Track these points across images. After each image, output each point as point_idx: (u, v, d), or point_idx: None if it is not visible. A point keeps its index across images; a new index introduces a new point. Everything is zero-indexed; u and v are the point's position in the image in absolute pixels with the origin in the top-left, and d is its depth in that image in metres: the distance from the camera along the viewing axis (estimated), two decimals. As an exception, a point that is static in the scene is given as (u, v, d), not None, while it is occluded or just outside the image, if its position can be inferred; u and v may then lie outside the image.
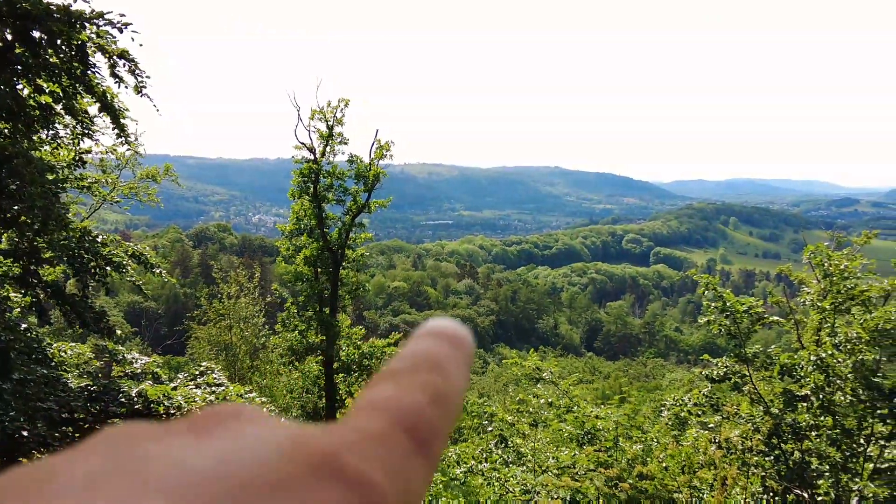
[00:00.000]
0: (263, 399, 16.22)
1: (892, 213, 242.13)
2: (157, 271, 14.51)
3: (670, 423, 10.78)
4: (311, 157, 19.33)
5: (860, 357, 7.64)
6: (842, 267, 8.47)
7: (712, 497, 9.22)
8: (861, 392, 7.72)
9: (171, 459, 0.33)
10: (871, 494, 6.90)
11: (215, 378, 14.28)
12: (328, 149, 19.37)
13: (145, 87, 12.35)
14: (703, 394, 9.78)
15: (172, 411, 12.27)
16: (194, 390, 13.32)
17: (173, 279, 16.17)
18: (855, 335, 7.78)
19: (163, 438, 0.36)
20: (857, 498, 7.16)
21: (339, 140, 19.39)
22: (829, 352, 7.85)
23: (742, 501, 8.59)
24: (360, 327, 21.01)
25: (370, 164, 19.62)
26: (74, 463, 0.34)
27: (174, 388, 13.29)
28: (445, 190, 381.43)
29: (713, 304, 8.72)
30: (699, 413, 9.91)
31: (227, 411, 0.39)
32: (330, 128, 19.25)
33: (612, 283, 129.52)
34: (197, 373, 14.52)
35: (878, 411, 7.77)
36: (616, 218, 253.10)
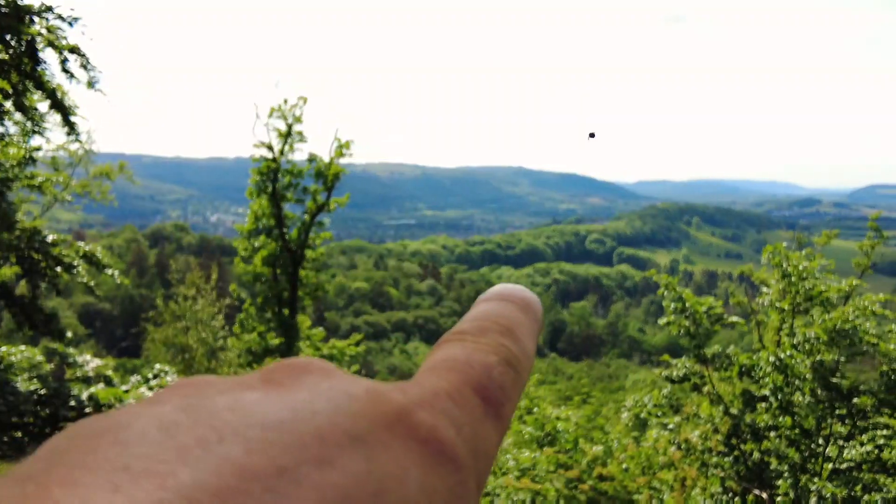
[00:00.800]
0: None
1: (854, 213, 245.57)
2: (110, 272, 14.22)
3: (631, 424, 10.74)
4: (270, 156, 19.08)
5: (819, 358, 7.61)
6: (800, 267, 8.45)
7: (672, 498, 9.17)
8: (820, 392, 7.70)
9: (244, 410, 0.33)
10: (829, 494, 6.86)
11: (169, 381, 14.00)
12: (287, 147, 19.14)
13: (98, 82, 12.10)
14: (663, 395, 9.73)
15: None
16: (147, 393, 13.04)
17: (126, 280, 15.86)
18: (814, 335, 7.76)
19: (233, 390, 0.35)
20: (815, 498, 7.12)
21: (298, 138, 19.17)
22: (788, 352, 7.81)
23: (702, 502, 8.54)
24: (321, 329, 20.80)
25: (330, 162, 19.40)
26: (146, 412, 0.33)
27: (126, 392, 13.02)
28: (408, 189, 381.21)
29: (673, 305, 8.66)
30: (659, 414, 9.86)
31: (297, 364, 0.39)
32: (289, 126, 19.03)
33: (575, 283, 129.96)
34: (150, 376, 14.26)
35: (837, 412, 7.76)
36: (579, 218, 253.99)
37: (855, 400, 7.55)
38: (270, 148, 19.09)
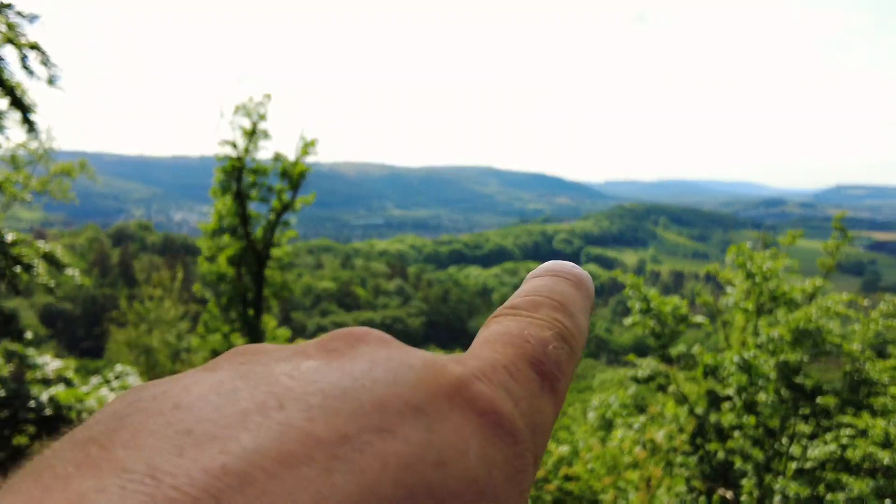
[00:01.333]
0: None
1: (819, 213, 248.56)
2: (70, 272, 13.97)
3: (597, 424, 10.72)
4: (235, 154, 18.86)
5: (783, 358, 7.63)
6: (764, 268, 8.46)
7: (637, 498, 9.16)
8: (784, 392, 7.72)
9: (303, 377, 0.33)
10: (793, 494, 6.88)
11: (130, 382, 13.80)
12: (252, 145, 18.93)
13: (59, 79, 11.90)
14: (629, 394, 9.73)
15: (85, 416, 11.81)
16: (108, 394, 12.85)
17: (87, 280, 15.60)
18: (777, 335, 7.77)
19: (291, 358, 0.36)
20: (779, 497, 7.13)
21: (263, 136, 18.97)
22: (752, 352, 7.82)
23: (667, 502, 8.53)
24: (286, 329, 20.62)
25: (296, 161, 19.22)
26: (203, 378, 0.34)
27: (87, 393, 12.80)
28: (376, 189, 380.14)
29: (638, 305, 8.65)
30: (625, 414, 9.85)
31: (354, 333, 0.39)
32: (254, 124, 18.82)
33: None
34: (112, 377, 14.04)
35: (801, 411, 7.78)
36: (547, 217, 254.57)
37: (818, 399, 7.58)
38: (235, 146, 18.87)
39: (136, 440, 0.29)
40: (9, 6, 11.22)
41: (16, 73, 11.79)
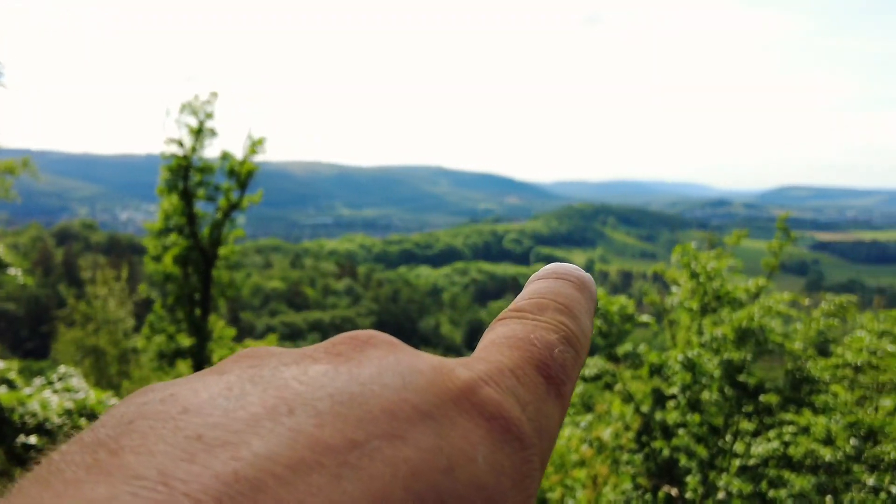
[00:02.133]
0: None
1: (764, 214, 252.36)
2: (13, 272, 13.68)
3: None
4: (181, 153, 18.60)
5: (726, 356, 7.71)
6: (709, 267, 8.54)
7: (584, 495, 9.21)
8: (727, 390, 7.80)
9: (312, 382, 0.33)
10: (736, 490, 6.95)
11: (74, 384, 13.53)
12: (198, 144, 18.69)
13: (1, 76, 11.65)
14: (576, 393, 9.76)
15: (28, 419, 11.58)
16: (51, 396, 12.58)
17: (30, 279, 15.29)
18: (721, 334, 7.86)
19: (299, 362, 0.36)
20: (723, 493, 7.20)
21: (209, 134, 18.73)
22: (696, 351, 7.90)
23: (613, 499, 8.58)
24: (231, 327, 20.39)
25: (243, 160, 19.02)
26: (210, 381, 0.34)
27: (30, 395, 12.53)
28: (325, 188, 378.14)
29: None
30: (572, 412, 9.89)
31: (361, 337, 0.39)
32: (200, 122, 18.59)
33: (493, 282, 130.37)
34: (55, 378, 13.75)
35: (744, 409, 7.87)
36: (497, 217, 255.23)
37: (761, 397, 7.68)
38: (181, 144, 18.62)
39: (146, 445, 0.29)
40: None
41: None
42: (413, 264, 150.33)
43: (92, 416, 10.57)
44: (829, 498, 6.52)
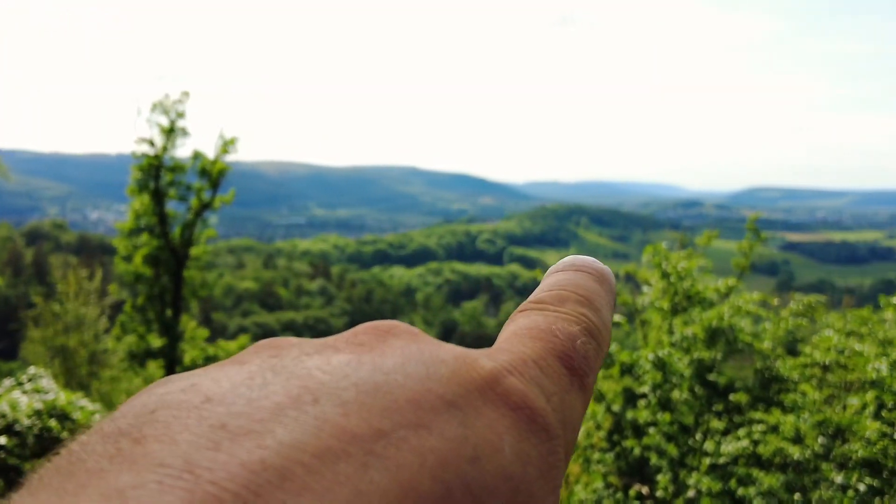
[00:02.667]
0: (101, 406, 15.38)
1: (735, 215, 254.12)
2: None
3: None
4: (152, 152, 18.46)
5: (696, 355, 7.76)
6: (679, 267, 8.59)
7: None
8: (697, 389, 7.85)
9: (335, 371, 0.33)
10: (705, 488, 7.00)
11: (44, 384, 13.40)
12: (170, 143, 18.56)
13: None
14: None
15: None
16: (21, 397, 12.44)
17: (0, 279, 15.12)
18: (691, 334, 7.91)
19: (321, 352, 0.35)
20: (693, 491, 7.25)
21: (181, 134, 18.62)
22: (667, 350, 7.94)
23: (584, 498, 8.61)
24: (203, 328, 20.27)
25: (215, 159, 18.91)
26: (231, 371, 0.34)
27: (-2, 396, 12.39)
28: (299, 188, 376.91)
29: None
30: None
31: (383, 326, 0.39)
32: (171, 121, 18.47)
33: (466, 282, 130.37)
34: (24, 379, 13.60)
35: (714, 408, 7.93)
36: (471, 218, 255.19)
37: (731, 396, 7.74)
38: (152, 144, 18.48)
39: (170, 434, 0.29)
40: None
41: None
42: (387, 264, 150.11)
43: (62, 416, 10.48)
44: (797, 496, 6.58)
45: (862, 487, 6.17)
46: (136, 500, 0.25)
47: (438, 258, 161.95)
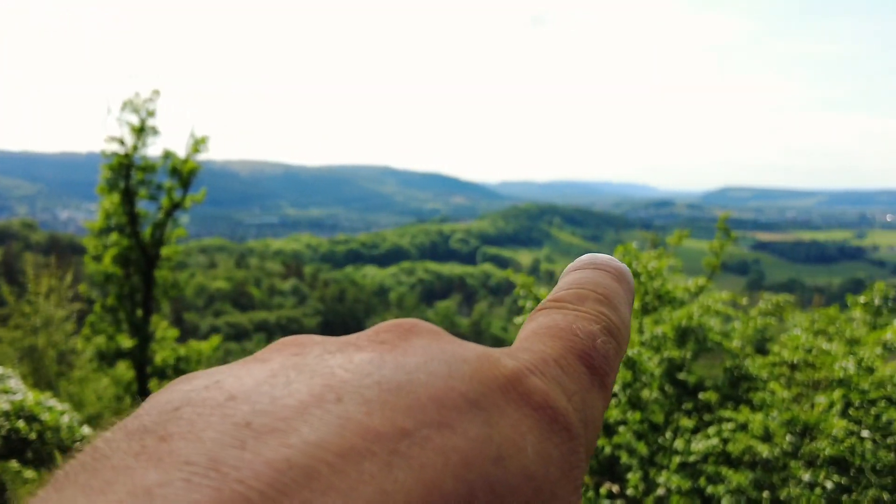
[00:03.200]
0: (69, 406, 15.21)
1: (706, 214, 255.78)
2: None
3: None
4: (123, 151, 18.31)
5: (666, 354, 7.81)
6: (650, 267, 8.62)
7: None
8: (667, 388, 7.90)
9: (358, 370, 0.33)
10: (675, 486, 7.04)
11: (12, 385, 13.25)
12: (140, 142, 18.42)
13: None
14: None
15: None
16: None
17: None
18: (661, 333, 7.95)
19: (343, 350, 0.35)
20: (663, 490, 7.28)
21: (151, 133, 18.48)
22: (637, 349, 7.98)
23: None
24: (175, 328, 20.14)
25: (186, 158, 18.78)
26: (253, 369, 0.34)
27: (-37, 398, 12.23)
28: (271, 187, 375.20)
29: (529, 304, 8.71)
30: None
31: (405, 325, 0.39)
32: (142, 120, 18.32)
33: (440, 282, 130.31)
34: (-8, 380, 13.43)
35: (684, 406, 7.97)
36: (444, 217, 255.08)
37: (700, 395, 7.78)
38: (122, 142, 18.33)
39: (195, 432, 0.29)
40: None
41: None
42: (360, 264, 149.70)
43: (30, 418, 10.35)
44: (765, 493, 6.63)
45: (829, 485, 6.23)
46: (163, 499, 0.25)
47: (412, 258, 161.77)
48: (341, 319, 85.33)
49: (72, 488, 0.27)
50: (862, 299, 7.83)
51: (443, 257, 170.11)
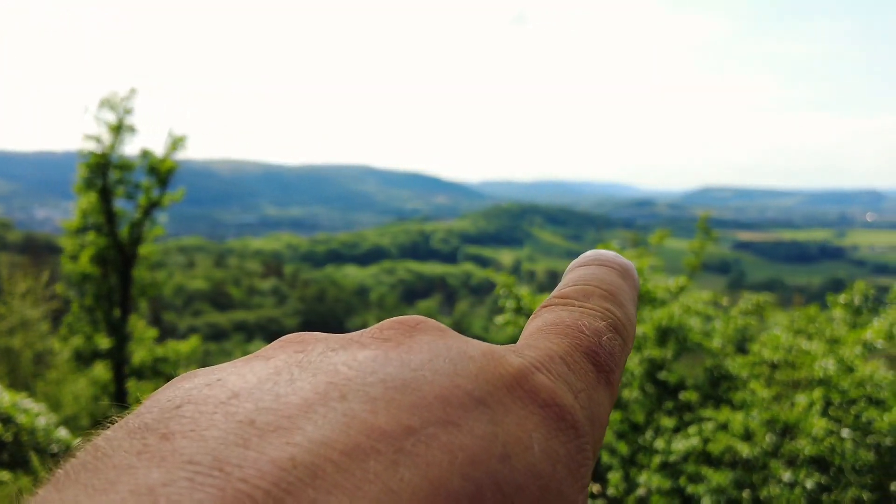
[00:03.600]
0: (46, 408, 15.06)
1: (687, 214, 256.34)
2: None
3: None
4: (100, 150, 18.16)
5: (647, 354, 7.79)
6: (630, 265, 8.60)
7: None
8: (648, 388, 7.88)
9: (363, 367, 0.33)
10: (655, 486, 7.03)
11: (-14, 387, 13.10)
12: (118, 140, 18.28)
13: None
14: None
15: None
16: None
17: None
18: (641, 333, 7.93)
19: (347, 347, 0.35)
20: (643, 489, 7.27)
21: (129, 131, 18.34)
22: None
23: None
24: (153, 328, 20.00)
25: (164, 157, 18.65)
26: (256, 366, 0.34)
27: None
28: (251, 186, 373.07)
29: (509, 304, 8.68)
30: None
31: (409, 322, 0.39)
32: (119, 118, 18.18)
33: (421, 281, 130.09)
34: (-34, 381, 13.30)
35: (664, 406, 7.96)
36: (425, 216, 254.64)
37: (681, 395, 7.77)
38: (99, 141, 18.19)
39: (198, 430, 0.29)
40: None
41: None
42: (340, 263, 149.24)
43: (6, 419, 10.24)
44: (746, 493, 6.62)
45: (809, 484, 6.23)
46: (166, 498, 0.25)
47: (392, 257, 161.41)
48: (322, 319, 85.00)
49: (73, 487, 0.27)
50: (842, 299, 7.84)
51: (424, 257, 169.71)
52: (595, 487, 8.19)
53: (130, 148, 19.10)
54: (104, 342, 18.39)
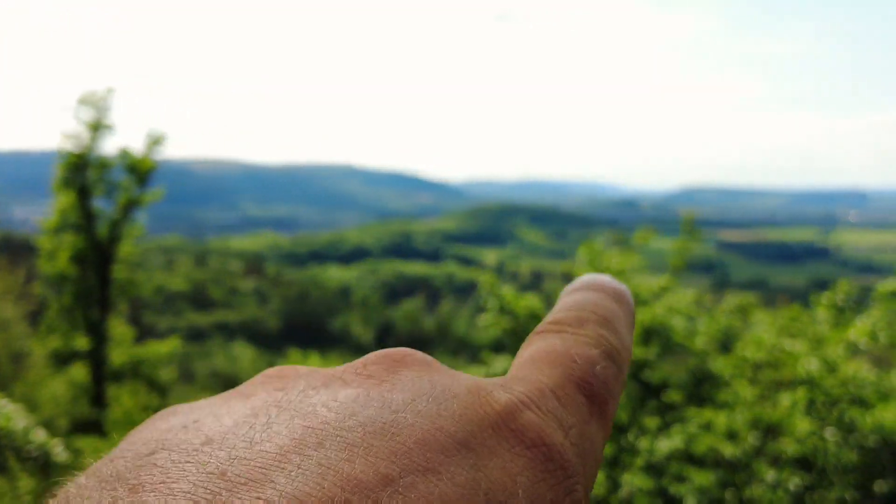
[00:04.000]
0: (24, 409, 14.87)
1: (671, 214, 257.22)
2: None
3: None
4: (78, 148, 18.01)
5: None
6: (613, 265, 8.57)
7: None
8: (632, 388, 7.84)
9: (342, 409, 0.32)
10: (639, 487, 6.99)
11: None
12: (96, 139, 18.13)
13: None
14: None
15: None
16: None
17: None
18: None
19: (327, 385, 0.35)
20: (627, 490, 7.23)
21: (107, 130, 18.19)
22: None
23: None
24: (133, 328, 19.87)
25: (143, 156, 18.51)
26: (234, 406, 0.33)
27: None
28: (232, 186, 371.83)
29: (492, 303, 8.63)
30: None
31: (394, 356, 0.37)
32: (97, 117, 18.03)
33: (404, 281, 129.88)
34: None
35: (648, 406, 7.93)
36: (408, 216, 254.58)
37: (664, 395, 7.74)
38: (78, 140, 18.04)
39: (167, 483, 0.28)
40: None
41: None
42: (323, 263, 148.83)
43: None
44: (729, 493, 6.60)
45: (793, 485, 6.21)
46: None
47: (375, 256, 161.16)
48: (304, 319, 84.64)
49: None
50: (825, 298, 7.83)
51: (407, 256, 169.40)
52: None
53: (110, 147, 18.95)
54: (83, 342, 18.26)
